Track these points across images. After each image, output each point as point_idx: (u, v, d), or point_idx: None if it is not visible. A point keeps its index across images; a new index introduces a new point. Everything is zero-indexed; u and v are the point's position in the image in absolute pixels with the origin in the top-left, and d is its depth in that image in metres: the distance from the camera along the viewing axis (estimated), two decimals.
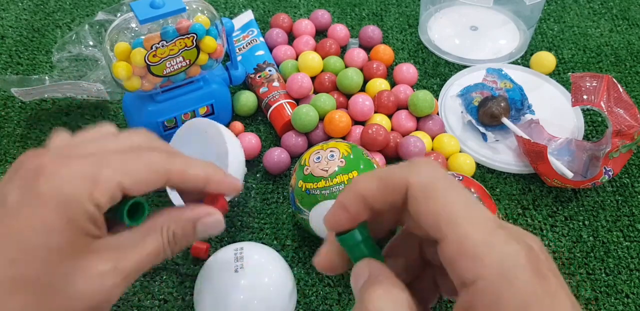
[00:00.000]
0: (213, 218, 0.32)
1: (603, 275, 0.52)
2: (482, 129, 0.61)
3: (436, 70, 0.70)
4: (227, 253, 0.46)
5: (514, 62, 0.71)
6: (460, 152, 0.61)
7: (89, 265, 0.27)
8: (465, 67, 0.70)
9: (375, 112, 0.63)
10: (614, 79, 0.58)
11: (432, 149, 0.61)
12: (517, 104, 0.62)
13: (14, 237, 0.26)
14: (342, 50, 0.72)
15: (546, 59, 0.69)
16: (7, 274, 0.25)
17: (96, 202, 0.28)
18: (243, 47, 0.70)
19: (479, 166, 0.60)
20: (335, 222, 0.26)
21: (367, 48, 0.71)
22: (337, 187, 0.47)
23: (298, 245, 0.54)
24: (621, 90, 0.58)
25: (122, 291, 0.29)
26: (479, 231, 0.22)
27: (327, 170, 0.48)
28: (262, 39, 0.71)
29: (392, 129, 0.63)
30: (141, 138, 0.32)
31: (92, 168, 0.28)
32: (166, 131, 0.59)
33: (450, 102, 0.65)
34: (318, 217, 0.48)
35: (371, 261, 0.25)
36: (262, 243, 0.52)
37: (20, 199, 0.27)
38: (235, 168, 0.52)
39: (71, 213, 0.27)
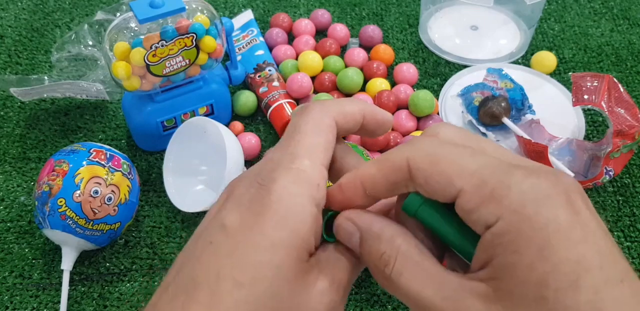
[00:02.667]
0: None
1: None
2: (482, 129, 0.61)
3: (436, 70, 0.70)
4: None
5: (515, 62, 0.71)
6: None
7: (310, 283, 0.23)
8: (465, 66, 0.70)
9: None
10: (615, 79, 0.58)
11: None
12: (517, 104, 0.61)
13: (236, 258, 0.22)
14: (342, 50, 0.72)
15: (547, 58, 0.69)
16: (234, 298, 0.22)
17: (317, 201, 0.24)
18: (243, 47, 0.70)
19: None
20: (328, 201, 0.25)
21: (367, 48, 0.71)
22: None
23: None
24: (622, 90, 0.58)
25: (342, 307, 0.25)
26: (494, 175, 0.21)
27: None
28: (261, 38, 0.71)
29: (393, 129, 0.63)
30: None
31: (295, 163, 0.24)
32: (165, 131, 0.59)
33: (450, 102, 0.65)
34: None
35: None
36: None
37: (240, 218, 0.23)
38: (234, 167, 0.52)
39: (293, 223, 0.23)
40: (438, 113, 0.64)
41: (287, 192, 0.23)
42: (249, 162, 0.60)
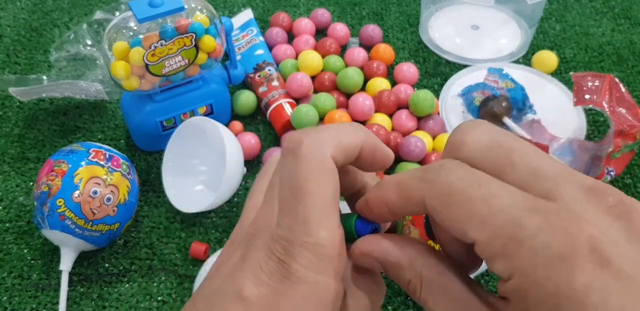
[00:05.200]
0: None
1: None
2: None
3: (437, 70, 0.70)
4: None
5: (516, 62, 0.71)
6: None
7: None
8: (466, 66, 0.70)
9: (376, 112, 0.63)
10: (616, 79, 0.58)
11: (433, 149, 0.60)
12: (518, 104, 0.61)
13: None
14: (342, 50, 0.71)
15: (548, 58, 0.68)
16: None
17: (338, 273, 0.24)
18: (242, 47, 0.70)
19: None
20: (363, 213, 0.25)
21: (368, 47, 0.71)
22: None
23: None
24: (623, 89, 0.58)
25: None
26: (505, 226, 0.19)
27: None
28: (261, 38, 0.71)
29: (393, 129, 0.62)
30: None
31: None
32: (165, 131, 0.59)
33: (451, 102, 0.65)
34: None
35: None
36: None
37: (259, 293, 0.23)
38: (234, 167, 0.52)
39: (315, 306, 0.23)
40: (438, 114, 0.64)
41: (308, 274, 0.22)
42: (248, 162, 0.60)
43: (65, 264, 0.50)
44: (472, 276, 0.24)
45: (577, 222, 0.19)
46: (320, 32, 0.74)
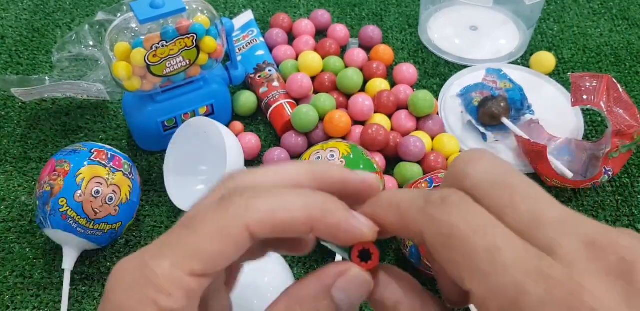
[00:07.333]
0: (350, 277, 0.22)
1: None
2: (482, 129, 0.61)
3: (436, 70, 0.70)
4: None
5: (514, 62, 0.71)
6: (460, 152, 0.61)
7: None
8: (465, 67, 0.70)
9: (375, 112, 0.63)
10: (614, 79, 0.58)
11: (432, 149, 0.61)
12: (516, 104, 0.62)
13: None
14: (342, 50, 0.72)
15: (546, 58, 0.69)
16: None
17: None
18: (243, 47, 0.70)
19: None
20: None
21: (367, 48, 0.71)
22: None
23: None
24: (621, 90, 0.58)
25: None
26: (508, 289, 0.19)
27: None
28: (262, 38, 0.71)
29: (392, 129, 0.63)
30: None
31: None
32: (166, 131, 0.59)
33: (450, 102, 0.65)
34: None
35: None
36: None
37: None
38: (234, 167, 0.52)
39: None
40: (438, 114, 0.64)
41: (122, 299, 0.21)
42: (249, 162, 0.60)
43: (68, 263, 0.51)
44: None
45: (580, 295, 0.18)
46: (320, 33, 0.75)
